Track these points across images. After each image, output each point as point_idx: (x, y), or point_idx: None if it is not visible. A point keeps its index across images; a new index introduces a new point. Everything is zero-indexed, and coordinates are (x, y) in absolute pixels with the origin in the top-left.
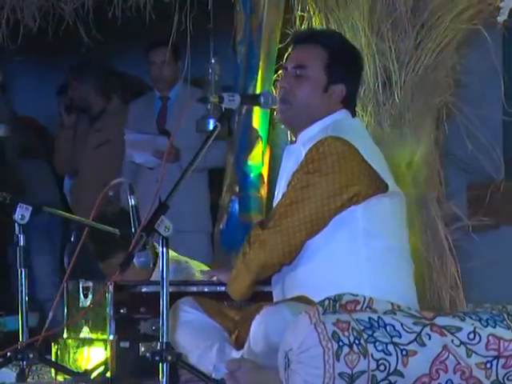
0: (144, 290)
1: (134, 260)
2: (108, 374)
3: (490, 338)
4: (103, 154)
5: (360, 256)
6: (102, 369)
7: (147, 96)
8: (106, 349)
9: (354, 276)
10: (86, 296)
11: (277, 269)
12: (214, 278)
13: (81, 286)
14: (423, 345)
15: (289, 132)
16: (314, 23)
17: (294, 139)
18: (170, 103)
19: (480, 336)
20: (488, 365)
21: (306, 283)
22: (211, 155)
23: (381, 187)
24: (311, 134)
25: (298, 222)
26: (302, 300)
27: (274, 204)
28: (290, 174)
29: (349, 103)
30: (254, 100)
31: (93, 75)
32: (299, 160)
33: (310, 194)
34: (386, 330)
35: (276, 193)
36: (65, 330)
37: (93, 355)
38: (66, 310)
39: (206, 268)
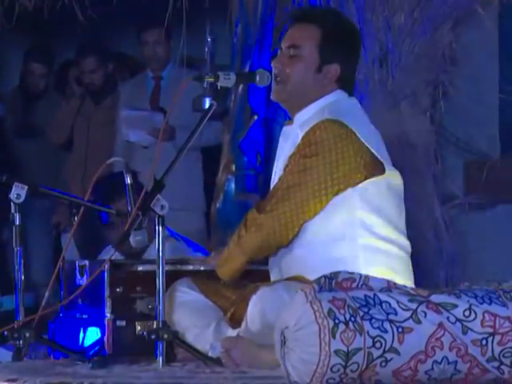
0: (140, 268)
1: (130, 239)
2: (104, 353)
3: (486, 314)
4: (109, 132)
5: (356, 239)
6: (98, 348)
7: (140, 75)
8: (102, 328)
9: (350, 259)
10: (82, 274)
11: (273, 251)
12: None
13: (77, 264)
14: (419, 322)
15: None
16: (310, 1)
17: (290, 120)
18: (163, 83)
19: (475, 313)
20: (483, 342)
21: (302, 265)
22: (205, 134)
23: (378, 169)
24: (307, 115)
25: (295, 206)
26: (299, 279)
27: (271, 186)
28: (287, 157)
29: (345, 83)
30: (250, 78)
31: (108, 57)
32: (296, 142)
33: (307, 177)
34: (382, 308)
35: (273, 174)
36: (61, 309)
37: (89, 334)
38: (62, 289)
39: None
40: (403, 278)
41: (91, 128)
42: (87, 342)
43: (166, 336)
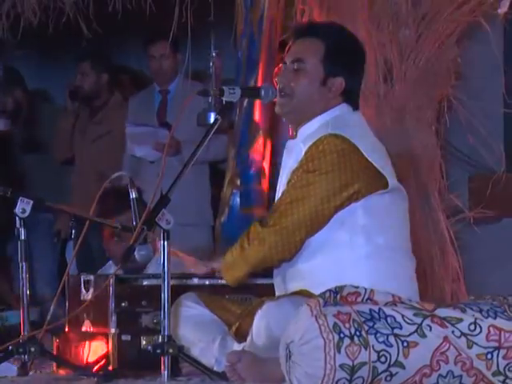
0: (145, 283)
1: (135, 253)
2: (109, 368)
3: (491, 329)
4: (102, 146)
5: (360, 254)
6: (103, 362)
7: (147, 90)
8: (107, 342)
9: (354, 274)
10: (87, 289)
11: (276, 265)
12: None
13: (82, 279)
14: (424, 336)
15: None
16: (314, 16)
17: (294, 134)
18: (169, 96)
19: (481, 327)
20: (489, 356)
21: (306, 278)
22: (213, 148)
23: (381, 184)
24: (311, 129)
25: (298, 221)
26: (304, 294)
27: (276, 200)
28: (290, 172)
29: (350, 96)
30: (255, 93)
31: (104, 68)
32: (299, 157)
33: (310, 192)
34: (387, 322)
35: (277, 189)
36: (66, 324)
37: (94, 349)
38: (67, 304)
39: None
40: (407, 291)
41: (86, 142)
42: (92, 357)
43: (171, 350)
